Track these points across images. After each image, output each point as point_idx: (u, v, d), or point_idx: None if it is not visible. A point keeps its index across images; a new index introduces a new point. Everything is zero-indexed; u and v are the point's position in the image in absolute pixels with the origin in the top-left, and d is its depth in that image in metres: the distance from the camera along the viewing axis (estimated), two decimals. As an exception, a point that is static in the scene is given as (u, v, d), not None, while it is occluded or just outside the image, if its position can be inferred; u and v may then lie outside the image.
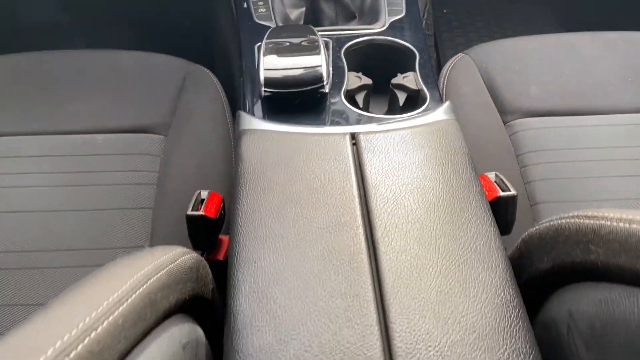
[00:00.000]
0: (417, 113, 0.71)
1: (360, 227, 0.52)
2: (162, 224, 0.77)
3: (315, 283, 0.47)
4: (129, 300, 0.36)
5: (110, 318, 0.33)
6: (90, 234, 0.75)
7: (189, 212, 0.62)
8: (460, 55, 0.98)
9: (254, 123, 0.67)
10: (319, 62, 0.69)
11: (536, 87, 0.92)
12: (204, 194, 0.65)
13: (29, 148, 0.83)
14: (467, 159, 0.60)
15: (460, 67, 0.96)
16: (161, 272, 0.41)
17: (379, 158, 0.60)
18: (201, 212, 0.63)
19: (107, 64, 0.97)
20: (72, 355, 0.28)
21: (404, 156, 0.60)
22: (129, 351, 0.35)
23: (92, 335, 0.31)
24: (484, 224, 0.53)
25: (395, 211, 0.53)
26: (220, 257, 0.69)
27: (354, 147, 0.62)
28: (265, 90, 0.69)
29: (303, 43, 0.72)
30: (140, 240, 0.76)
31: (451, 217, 0.53)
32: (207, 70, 0.97)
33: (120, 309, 0.34)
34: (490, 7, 1.55)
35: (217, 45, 1.26)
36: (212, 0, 1.27)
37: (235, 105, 0.93)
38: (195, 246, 0.65)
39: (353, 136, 0.63)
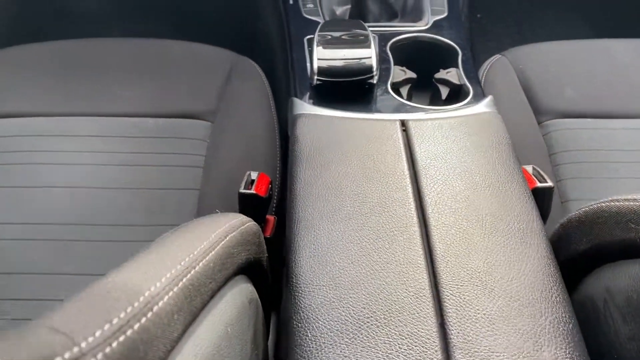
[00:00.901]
0: (462, 105, 0.74)
1: (412, 203, 0.56)
2: (208, 204, 0.81)
3: (371, 250, 0.51)
4: (215, 250, 0.40)
5: (204, 261, 0.37)
6: (141, 210, 0.78)
7: (242, 190, 0.66)
8: (497, 56, 1.01)
9: (308, 108, 0.71)
10: (369, 54, 0.73)
11: (571, 90, 0.94)
12: (254, 174, 0.69)
13: (83, 128, 0.87)
14: (511, 149, 0.64)
15: (497, 67, 0.99)
16: (235, 232, 0.46)
17: (428, 143, 0.63)
18: (253, 191, 0.67)
19: (158, 52, 1.01)
20: (180, 284, 0.33)
21: (452, 142, 0.64)
22: (215, 293, 0.39)
23: (192, 272, 0.35)
24: (527, 206, 0.56)
25: (445, 191, 0.57)
26: (267, 234, 0.73)
27: (404, 132, 0.66)
28: (317, 79, 0.73)
29: (354, 36, 0.76)
30: (188, 218, 0.78)
31: (496, 198, 0.57)
32: (252, 62, 1.01)
33: (210, 255, 0.39)
34: (523, 13, 1.56)
35: (261, 39, 1.30)
36: None
37: (278, 95, 0.97)
38: None
39: (402, 123, 0.67)
